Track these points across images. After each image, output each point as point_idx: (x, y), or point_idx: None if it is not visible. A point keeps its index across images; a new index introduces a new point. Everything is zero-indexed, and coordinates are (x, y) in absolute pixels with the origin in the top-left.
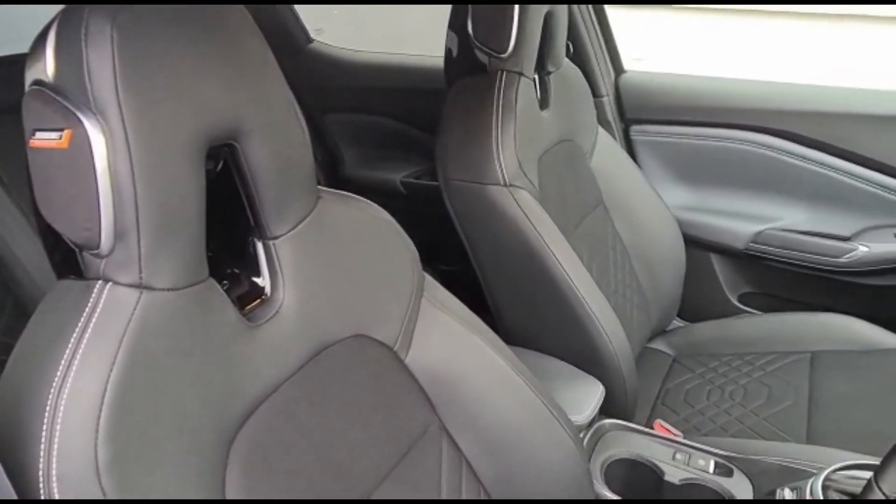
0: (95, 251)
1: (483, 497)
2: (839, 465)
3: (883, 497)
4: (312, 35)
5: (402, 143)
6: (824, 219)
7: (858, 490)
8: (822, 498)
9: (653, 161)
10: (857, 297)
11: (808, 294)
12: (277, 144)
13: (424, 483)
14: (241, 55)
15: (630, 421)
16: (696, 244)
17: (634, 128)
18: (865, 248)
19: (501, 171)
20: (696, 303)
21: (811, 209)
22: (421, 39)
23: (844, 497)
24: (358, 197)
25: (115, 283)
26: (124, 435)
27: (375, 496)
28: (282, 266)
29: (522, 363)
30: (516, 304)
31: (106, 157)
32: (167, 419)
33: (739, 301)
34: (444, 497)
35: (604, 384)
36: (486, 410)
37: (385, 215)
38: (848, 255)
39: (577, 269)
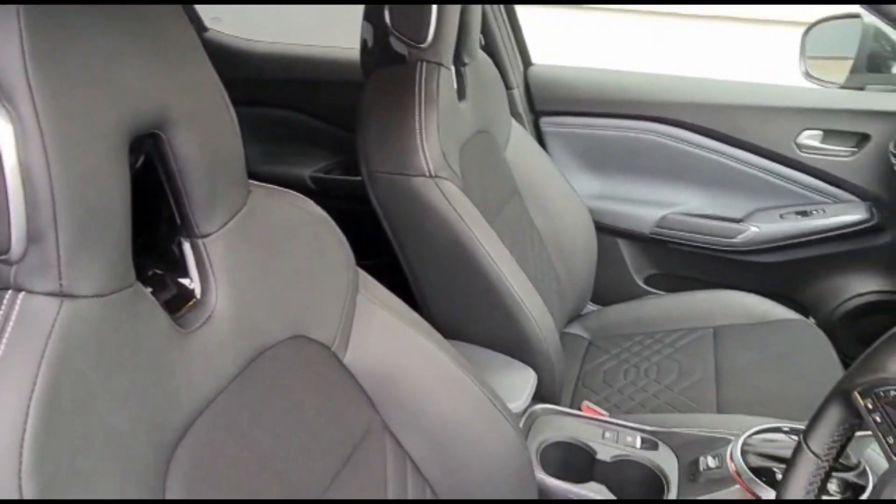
0: (4, 257)
1: (430, 495)
2: (753, 431)
3: (814, 454)
4: (208, 24)
5: (308, 138)
6: (719, 203)
7: (775, 451)
8: (741, 460)
9: (563, 151)
10: (750, 274)
11: (707, 273)
12: (206, 135)
13: (370, 485)
14: (166, 37)
15: (558, 404)
16: (605, 231)
17: (544, 119)
18: (756, 229)
19: (426, 161)
20: (607, 287)
21: (708, 194)
22: (323, 29)
23: (762, 457)
24: (289, 191)
25: (30, 292)
26: (51, 464)
27: (323, 500)
28: (213, 266)
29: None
30: (444, 296)
31: (15, 149)
32: (99, 442)
33: (645, 283)
34: (389, 496)
35: (534, 370)
36: (429, 406)
37: (318, 210)
38: (741, 236)
39: (504, 258)
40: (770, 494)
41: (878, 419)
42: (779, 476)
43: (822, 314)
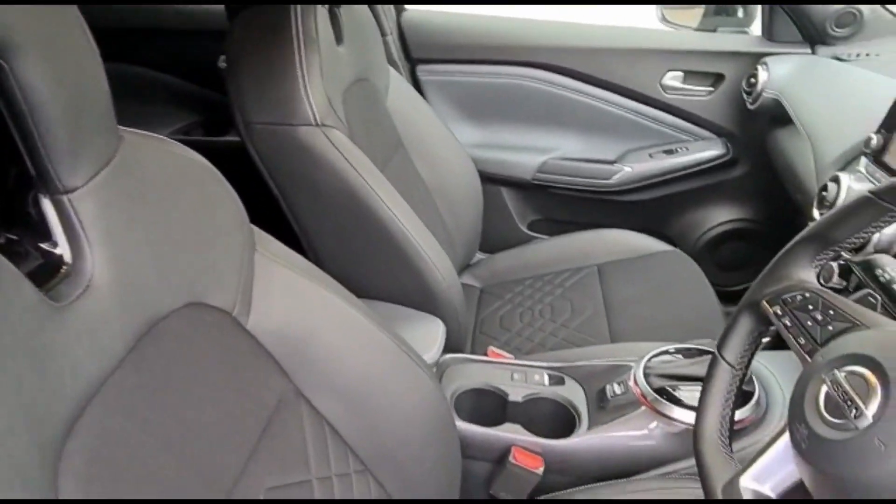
0: None
1: (351, 460)
2: (651, 354)
3: (728, 364)
4: None
5: (161, 96)
6: (594, 145)
7: (672, 371)
8: (644, 383)
9: (442, 100)
10: (624, 212)
11: (586, 214)
12: (62, 65)
13: (289, 458)
14: None
15: (463, 352)
16: (489, 179)
17: (421, 67)
18: (629, 169)
19: (311, 109)
20: (493, 235)
21: (583, 138)
22: None
23: (662, 378)
24: (166, 138)
25: None
26: None
27: (242, 481)
28: (84, 227)
29: None
30: (342, 252)
31: None
32: None
33: (529, 228)
34: (312, 466)
35: (440, 318)
36: (343, 365)
37: (202, 159)
38: (616, 177)
39: (402, 208)
40: (673, 410)
41: (788, 323)
42: (679, 393)
43: (688, 245)
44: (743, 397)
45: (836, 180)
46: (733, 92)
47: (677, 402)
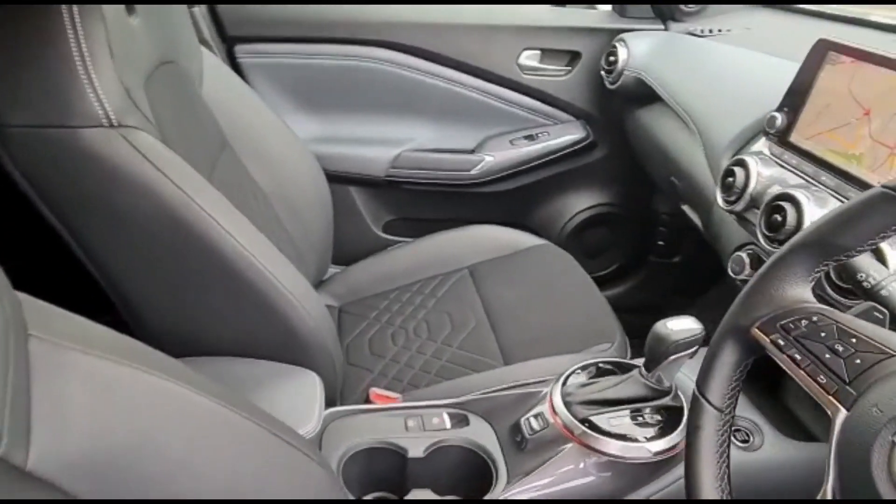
0: None
1: None
2: (564, 377)
3: (715, 408)
4: None
5: None
6: (451, 134)
7: (598, 395)
8: (567, 414)
9: (270, 87)
10: (487, 205)
11: (446, 210)
12: None
13: None
14: None
15: (336, 398)
16: (335, 179)
17: (240, 48)
18: (490, 158)
19: (101, 105)
20: (344, 243)
21: (438, 126)
22: None
23: (586, 406)
24: None
25: None
26: None
27: None
28: None
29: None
30: (163, 298)
31: None
32: None
33: (385, 231)
34: None
35: (313, 371)
36: (194, 479)
37: None
38: (477, 167)
39: (242, 227)
40: (608, 445)
41: (798, 357)
42: (610, 421)
43: (552, 235)
44: (668, 413)
45: (741, 164)
46: (591, 71)
47: (610, 434)
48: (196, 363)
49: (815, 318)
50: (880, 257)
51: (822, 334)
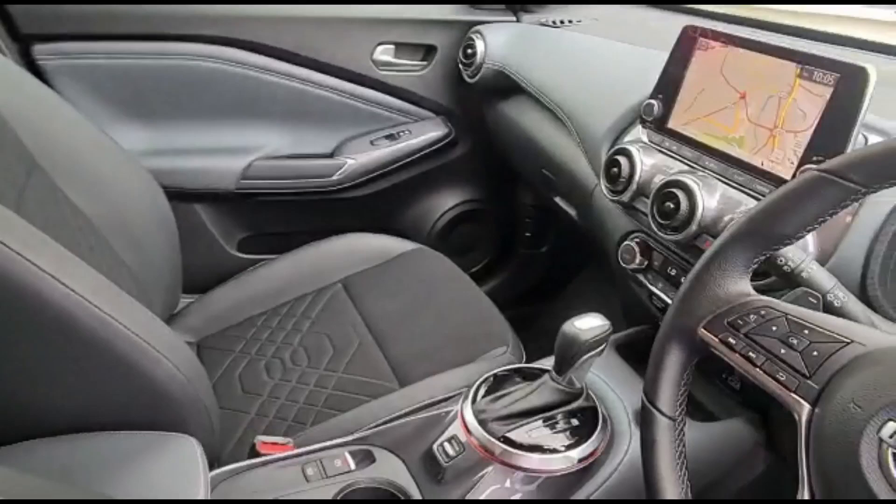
0: None
1: None
2: (472, 394)
3: (668, 417)
4: None
5: None
6: (306, 138)
7: (511, 408)
8: (484, 434)
9: (82, 94)
10: (352, 211)
11: (308, 221)
12: None
13: None
14: None
15: (218, 455)
16: (177, 196)
17: (39, 47)
18: (352, 161)
19: None
20: (194, 267)
21: (292, 129)
22: None
23: (501, 422)
24: None
25: None
26: None
27: None
28: None
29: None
30: None
31: None
32: None
33: (240, 250)
34: None
35: (189, 434)
36: None
37: None
38: (339, 172)
39: (74, 269)
40: (531, 460)
41: (753, 355)
42: (529, 434)
43: (421, 236)
44: (582, 414)
45: (624, 154)
46: (448, 65)
47: (531, 448)
48: (34, 448)
49: (762, 312)
50: None
51: (774, 328)
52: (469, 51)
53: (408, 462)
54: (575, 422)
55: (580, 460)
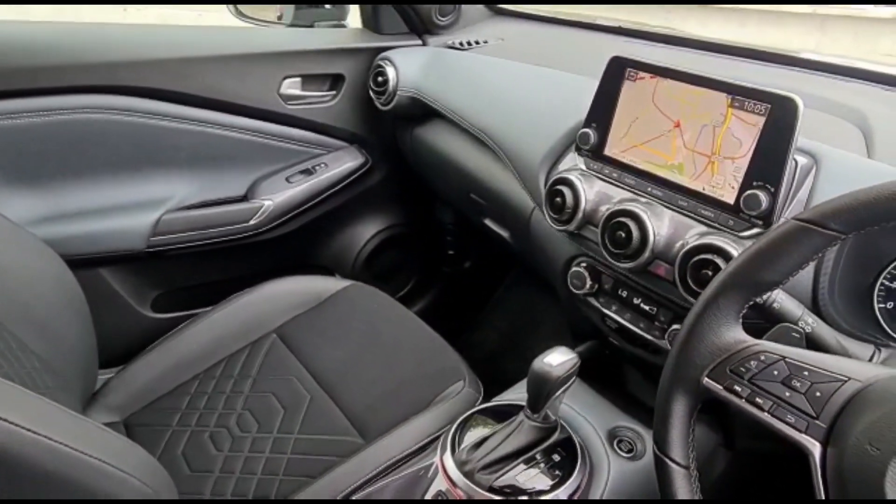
0: None
1: None
2: (449, 446)
3: (683, 467)
4: None
5: None
6: (216, 183)
7: (494, 454)
8: (474, 487)
9: None
10: (277, 253)
11: (227, 269)
12: None
13: None
14: None
15: None
16: (80, 264)
17: None
18: (269, 202)
19: None
20: (109, 338)
21: (199, 176)
22: None
23: (486, 472)
24: None
25: None
26: None
27: None
28: None
29: None
30: None
31: None
32: None
33: (155, 310)
34: None
35: None
36: None
37: None
38: (257, 216)
39: (14, 400)
40: None
41: (760, 400)
42: (517, 478)
43: (346, 269)
44: (562, 447)
45: (566, 184)
46: (356, 93)
47: (520, 492)
48: None
49: (762, 357)
50: (725, 257)
51: (775, 372)
52: (380, 78)
53: None
54: (556, 457)
55: (569, 496)
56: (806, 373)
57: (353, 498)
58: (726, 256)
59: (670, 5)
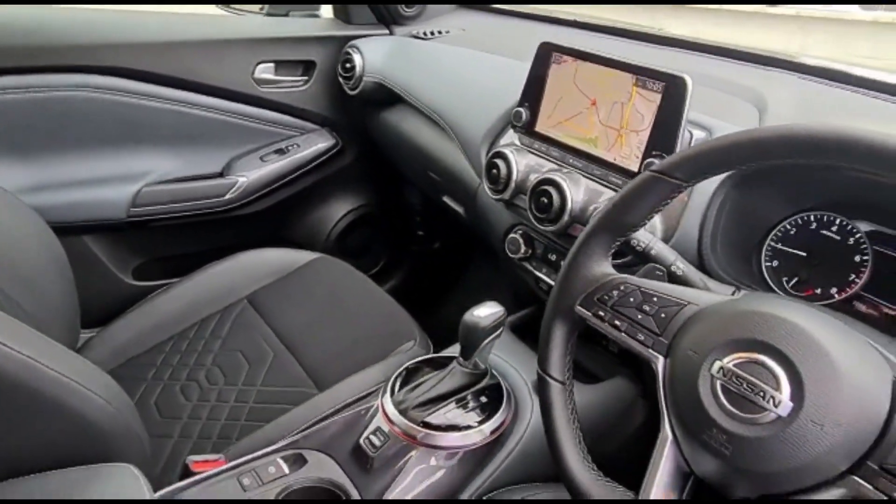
0: None
1: None
2: (389, 387)
3: (559, 382)
4: None
5: None
6: (194, 160)
7: (427, 394)
8: (405, 421)
9: None
10: (248, 227)
11: (203, 241)
12: None
13: None
14: None
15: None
16: (65, 231)
17: None
18: (244, 178)
19: None
20: (91, 301)
21: (178, 153)
22: None
23: (419, 409)
24: None
25: None
26: None
27: None
28: None
29: None
30: None
31: None
32: None
33: (136, 278)
34: None
35: (125, 461)
36: None
37: None
38: (231, 191)
39: None
40: (450, 439)
41: (619, 323)
42: (446, 416)
43: (318, 245)
44: (489, 392)
45: (501, 157)
46: (328, 79)
47: (447, 428)
48: None
49: (622, 287)
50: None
51: (631, 300)
52: (348, 65)
53: (338, 459)
54: (483, 399)
55: (492, 432)
56: (655, 299)
57: (303, 435)
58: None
59: (657, 6)
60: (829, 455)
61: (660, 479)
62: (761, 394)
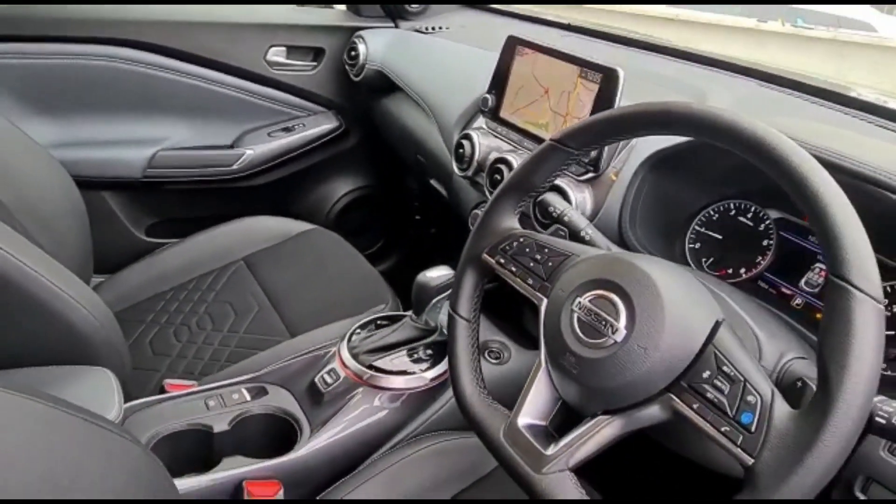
0: None
1: None
2: (349, 334)
3: (466, 320)
4: None
5: None
6: (207, 130)
7: (378, 343)
8: (355, 363)
9: None
10: (251, 198)
11: (210, 207)
12: None
13: None
14: None
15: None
16: (86, 185)
17: None
18: (251, 152)
19: None
20: (105, 251)
21: (193, 123)
22: None
23: (368, 354)
24: None
25: None
26: None
27: None
28: None
29: None
30: None
31: None
32: None
33: (148, 235)
34: None
35: (103, 364)
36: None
37: None
38: (238, 162)
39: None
40: (391, 380)
41: (514, 269)
42: (391, 362)
43: (318, 220)
44: (437, 347)
45: (467, 138)
46: (336, 65)
47: (392, 372)
48: None
49: (521, 239)
50: (563, 195)
51: (527, 250)
52: (353, 53)
53: (295, 393)
54: (430, 352)
55: (432, 379)
56: (547, 251)
57: (266, 371)
58: (565, 195)
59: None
60: (650, 374)
61: (531, 399)
62: (604, 322)
